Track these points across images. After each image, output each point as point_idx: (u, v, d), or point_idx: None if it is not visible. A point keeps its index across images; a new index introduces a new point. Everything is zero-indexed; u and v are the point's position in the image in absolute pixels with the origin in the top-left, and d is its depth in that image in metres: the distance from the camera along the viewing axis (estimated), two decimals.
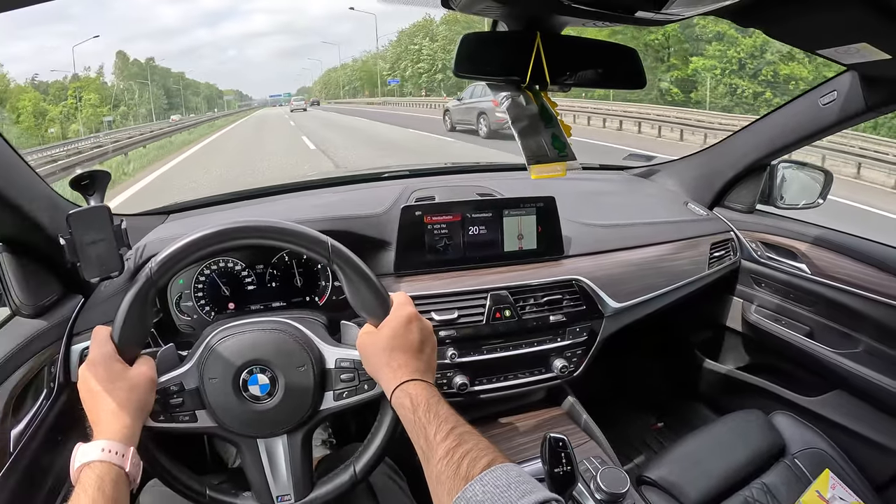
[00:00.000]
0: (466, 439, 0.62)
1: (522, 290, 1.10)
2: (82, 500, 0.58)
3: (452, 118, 13.92)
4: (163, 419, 0.77)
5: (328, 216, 1.09)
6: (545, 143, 0.90)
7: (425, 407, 0.67)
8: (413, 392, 0.69)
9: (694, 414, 1.59)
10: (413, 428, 0.67)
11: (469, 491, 0.55)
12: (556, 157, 0.90)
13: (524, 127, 0.89)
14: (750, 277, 1.39)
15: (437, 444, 0.62)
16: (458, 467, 0.58)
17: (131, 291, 0.75)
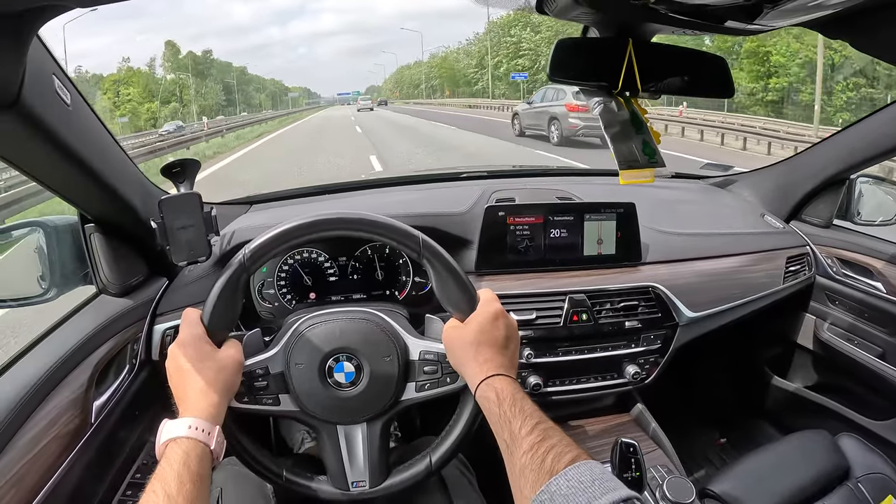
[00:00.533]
0: (551, 435, 0.62)
1: (600, 295, 1.10)
2: (168, 473, 0.59)
3: (522, 123, 13.45)
4: (247, 401, 0.79)
5: (413, 213, 1.10)
6: (637, 149, 0.90)
7: (510, 401, 0.67)
8: (499, 386, 0.70)
9: (758, 431, 1.56)
10: (497, 421, 0.67)
11: (553, 485, 0.55)
12: (647, 164, 0.90)
13: (616, 132, 0.90)
14: (824, 294, 1.36)
15: (522, 437, 0.62)
16: (542, 461, 0.59)
17: (223, 276, 0.76)
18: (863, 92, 16.21)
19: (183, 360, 0.71)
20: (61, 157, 0.71)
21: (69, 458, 0.75)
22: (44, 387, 0.75)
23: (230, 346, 0.76)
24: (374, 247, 1.12)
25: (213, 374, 0.71)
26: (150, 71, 63.26)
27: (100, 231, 0.93)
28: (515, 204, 1.13)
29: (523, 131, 13.28)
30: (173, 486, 0.58)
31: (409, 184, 1.40)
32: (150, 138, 18.05)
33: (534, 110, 12.64)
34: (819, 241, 1.37)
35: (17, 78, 0.56)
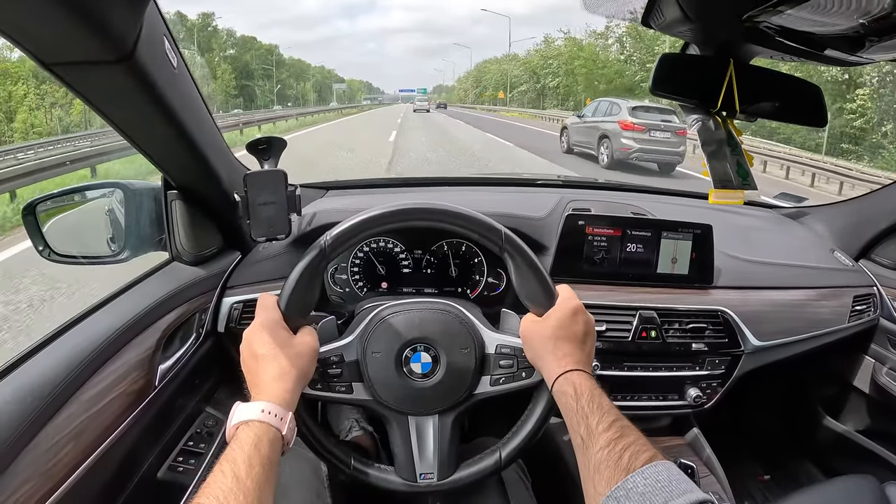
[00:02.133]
0: (628, 433, 0.62)
1: (670, 314, 1.09)
2: (237, 455, 0.59)
3: (570, 139, 11.98)
4: (319, 388, 0.79)
5: (494, 211, 1.09)
6: (731, 170, 0.89)
7: (588, 397, 0.67)
8: (577, 381, 0.69)
9: (803, 471, 1.53)
10: (574, 416, 0.67)
11: (630, 482, 0.55)
12: (740, 185, 0.89)
13: (713, 151, 0.89)
14: (887, 338, 1.33)
15: (599, 433, 0.62)
16: (619, 458, 0.58)
17: (303, 262, 0.76)
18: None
19: (258, 346, 0.71)
20: (159, 117, 0.72)
21: (130, 417, 0.76)
22: (112, 345, 0.76)
23: (306, 333, 0.76)
24: (451, 243, 1.12)
25: (288, 360, 0.71)
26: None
27: (181, 199, 0.94)
28: (595, 214, 1.13)
29: (571, 148, 11.90)
30: (242, 468, 0.57)
31: (487, 185, 1.40)
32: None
33: (584, 125, 11.31)
34: (887, 283, 1.34)
35: (134, 32, 0.57)
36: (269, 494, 0.60)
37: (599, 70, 38.51)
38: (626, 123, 9.59)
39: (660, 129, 9.53)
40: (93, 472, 0.68)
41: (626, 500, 0.54)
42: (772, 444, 1.63)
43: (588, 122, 11.14)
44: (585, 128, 11.20)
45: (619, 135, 9.66)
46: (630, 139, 9.57)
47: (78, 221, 1.04)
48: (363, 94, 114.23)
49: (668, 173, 9.83)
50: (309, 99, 71.39)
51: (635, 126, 9.50)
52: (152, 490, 0.86)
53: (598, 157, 10.43)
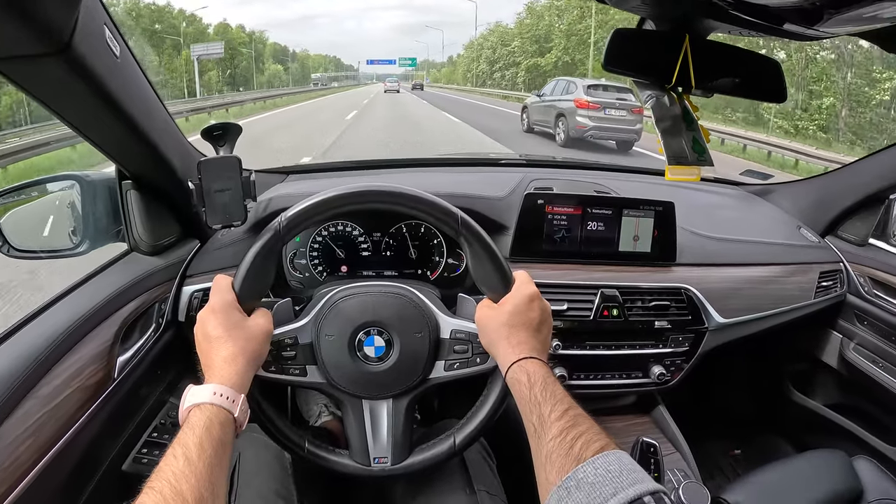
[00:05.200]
0: (581, 422, 0.61)
1: (632, 292, 1.09)
2: (189, 439, 0.59)
3: (530, 117, 11.88)
4: (273, 370, 0.78)
5: (452, 192, 1.09)
6: (686, 146, 0.89)
7: (542, 385, 0.66)
8: (530, 369, 0.69)
9: (773, 446, 1.55)
10: (527, 404, 0.66)
11: (581, 472, 0.54)
12: (696, 161, 0.89)
13: (667, 127, 0.88)
14: (853, 313, 1.34)
15: (552, 422, 0.62)
16: (571, 447, 0.58)
17: (257, 244, 0.75)
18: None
19: (211, 328, 0.71)
20: (105, 108, 0.70)
21: (89, 411, 0.75)
22: (69, 339, 0.75)
23: (260, 315, 0.75)
24: (410, 224, 1.11)
25: (241, 342, 0.70)
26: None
27: (136, 188, 0.93)
28: (555, 193, 1.12)
29: (532, 127, 11.77)
30: (194, 451, 0.57)
31: (448, 165, 1.39)
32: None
33: (543, 104, 11.13)
34: (853, 259, 1.35)
35: (69, 23, 0.56)
36: (222, 476, 0.59)
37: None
38: (581, 102, 9.58)
39: (615, 108, 9.52)
40: (54, 467, 0.68)
41: (576, 490, 0.53)
42: (742, 420, 1.64)
43: (546, 101, 11.04)
44: (544, 107, 11.08)
45: (574, 113, 9.64)
46: (585, 117, 9.57)
47: (37, 215, 1.03)
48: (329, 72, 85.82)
49: (625, 151, 9.88)
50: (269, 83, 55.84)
51: (590, 104, 9.49)
52: (117, 482, 0.86)
53: (556, 136, 10.39)
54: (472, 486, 0.94)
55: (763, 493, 1.13)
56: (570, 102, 9.81)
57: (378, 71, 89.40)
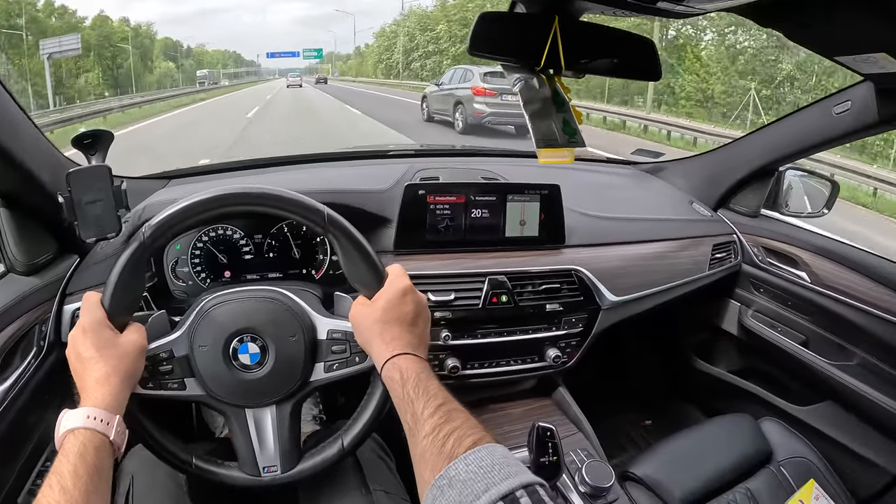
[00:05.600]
0: (454, 417, 0.60)
1: (521, 277, 1.09)
2: (63, 467, 0.57)
3: (430, 107, 11.96)
4: (151, 386, 0.76)
5: (330, 189, 1.08)
6: (556, 128, 0.89)
7: (415, 381, 0.66)
8: (403, 366, 0.68)
9: (683, 414, 1.59)
10: (401, 402, 0.66)
11: (452, 469, 0.53)
12: (567, 143, 0.89)
13: (536, 110, 0.88)
14: (749, 282, 1.39)
15: (425, 420, 0.61)
16: (443, 445, 0.57)
17: (123, 256, 0.73)
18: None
19: (82, 348, 0.69)
20: None
21: None
22: None
23: (132, 331, 0.73)
24: (291, 224, 1.08)
25: (113, 361, 0.68)
26: None
27: (5, 206, 0.88)
28: (436, 182, 1.11)
29: (432, 116, 11.87)
30: (69, 479, 0.56)
31: (337, 160, 1.37)
32: None
33: (442, 93, 11.30)
34: (746, 230, 1.40)
35: None
36: (100, 501, 0.58)
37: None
38: (478, 89, 9.78)
39: (511, 93, 9.46)
40: None
41: (448, 488, 0.52)
42: (653, 392, 1.68)
43: (445, 90, 11.17)
44: (443, 95, 11.22)
45: (471, 100, 9.82)
46: (482, 104, 9.74)
47: None
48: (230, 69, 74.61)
49: (524, 135, 10.07)
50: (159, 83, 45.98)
51: (487, 91, 9.66)
52: None
53: (454, 124, 10.55)
54: (367, 486, 0.93)
55: (672, 461, 1.15)
56: (468, 90, 9.99)
57: (281, 65, 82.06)
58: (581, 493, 0.94)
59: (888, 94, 1.06)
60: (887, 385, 1.17)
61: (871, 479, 1.22)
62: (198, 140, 10.30)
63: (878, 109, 1.09)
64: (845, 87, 1.19)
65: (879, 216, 7.57)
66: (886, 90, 1.06)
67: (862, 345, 1.23)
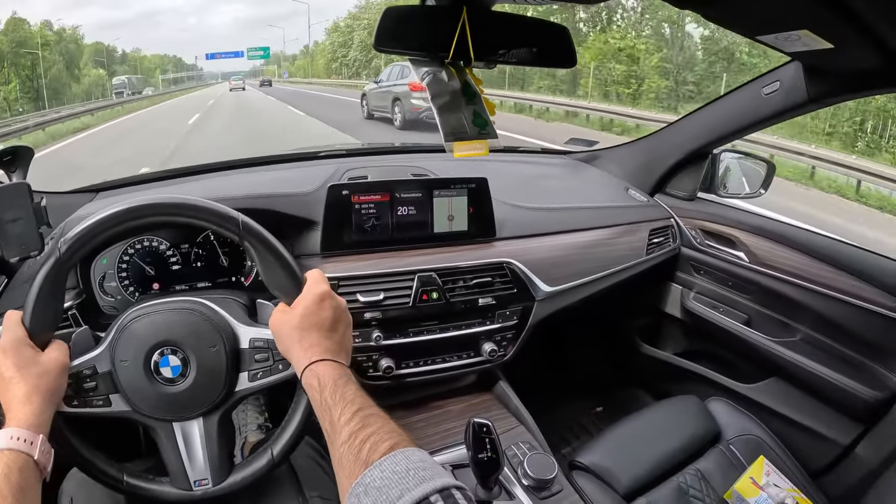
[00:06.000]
0: (370, 423, 0.60)
1: (451, 272, 1.08)
2: None
3: (370, 104, 11.94)
4: (76, 404, 0.75)
5: (253, 194, 1.06)
6: (465, 120, 0.89)
7: (332, 388, 0.66)
8: (321, 372, 0.68)
9: (633, 399, 1.60)
10: (319, 409, 0.66)
11: (368, 476, 0.53)
12: (477, 135, 0.89)
13: (444, 103, 0.88)
14: (689, 265, 1.40)
15: (341, 426, 0.61)
16: (359, 451, 0.57)
17: (40, 273, 0.72)
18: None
19: (3, 368, 0.68)
20: None
21: None
22: None
23: (54, 349, 0.72)
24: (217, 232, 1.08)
25: (34, 380, 0.67)
26: None
27: None
28: (360, 182, 1.10)
29: (371, 114, 11.88)
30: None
31: (265, 164, 1.36)
32: None
33: (380, 90, 11.31)
34: (683, 214, 1.41)
35: None
36: None
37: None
38: (415, 85, 9.58)
39: None
40: None
41: (364, 496, 0.52)
42: (601, 379, 1.68)
43: (384, 87, 11.18)
44: (381, 92, 11.23)
45: (409, 96, 9.84)
46: (419, 99, 9.67)
47: None
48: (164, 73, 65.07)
49: None
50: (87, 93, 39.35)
51: (423, 87, 9.76)
52: None
53: (393, 120, 10.57)
54: (303, 494, 0.92)
55: (620, 447, 1.16)
56: (405, 86, 9.97)
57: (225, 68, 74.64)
58: (525, 486, 0.93)
59: (816, 73, 1.08)
60: (831, 359, 1.19)
61: (822, 451, 1.24)
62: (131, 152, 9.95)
63: (806, 89, 1.11)
64: (774, 67, 1.21)
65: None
66: (814, 69, 1.08)
67: (804, 320, 1.25)
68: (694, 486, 1.13)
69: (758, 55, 14.80)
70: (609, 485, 1.08)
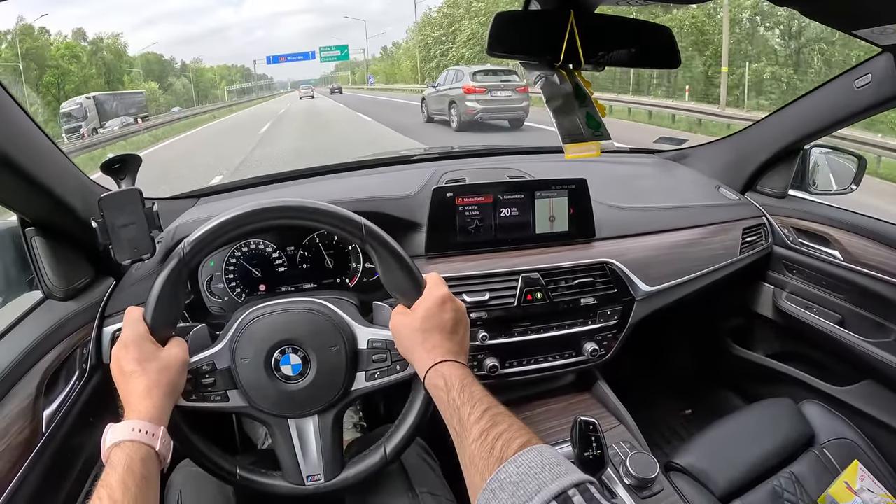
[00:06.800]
0: (500, 420, 0.61)
1: (554, 273, 1.09)
2: (112, 479, 0.59)
3: (429, 108, 12.59)
4: (195, 399, 0.78)
5: (359, 197, 1.08)
6: (580, 122, 0.89)
7: (459, 388, 0.67)
8: (447, 373, 0.69)
9: (722, 401, 1.58)
10: (447, 409, 0.66)
11: (503, 472, 0.54)
12: (591, 136, 0.89)
13: (559, 106, 0.88)
14: (782, 264, 1.37)
15: (472, 425, 0.61)
16: (492, 448, 0.57)
17: (164, 272, 0.75)
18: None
19: (125, 362, 0.70)
20: None
21: (21, 470, 0.72)
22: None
23: (174, 345, 0.75)
24: (322, 235, 1.10)
25: (155, 374, 0.70)
26: None
27: (41, 234, 0.90)
28: (463, 184, 1.11)
29: (431, 117, 12.49)
30: (118, 491, 0.58)
31: (362, 168, 1.38)
32: None
33: (438, 94, 11.91)
34: (775, 212, 1.38)
35: None
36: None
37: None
38: (468, 87, 10.49)
39: (500, 89, 10.49)
40: None
41: (500, 491, 0.53)
42: (691, 380, 1.66)
43: (440, 91, 11.77)
44: (439, 96, 11.82)
45: (463, 99, 10.48)
46: (473, 101, 10.42)
47: None
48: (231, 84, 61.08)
49: (517, 127, 10.80)
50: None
51: (477, 89, 10.40)
52: None
53: (450, 122, 11.16)
54: (413, 490, 0.94)
55: (715, 450, 1.15)
56: (460, 89, 10.64)
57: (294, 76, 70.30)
58: (627, 485, 0.94)
59: None
60: None
61: None
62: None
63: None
64: (864, 59, 1.17)
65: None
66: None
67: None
68: (788, 490, 1.12)
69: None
70: (706, 486, 1.08)
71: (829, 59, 16.01)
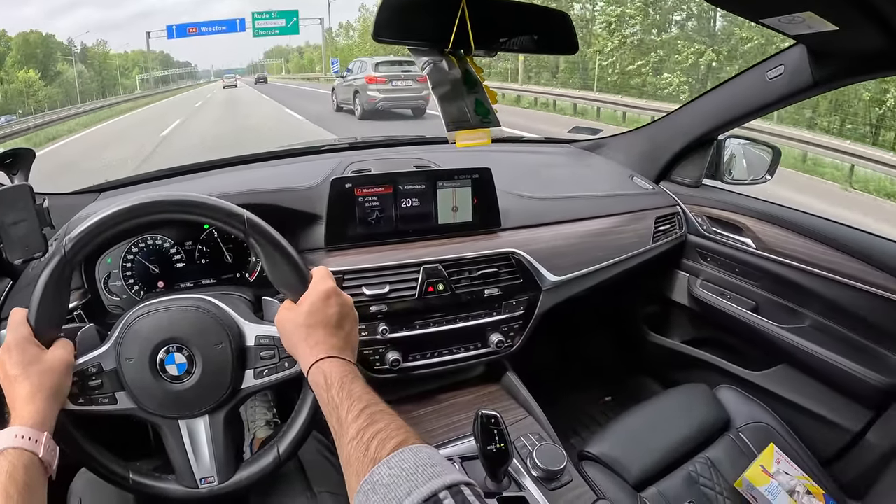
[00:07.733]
0: (378, 419, 0.59)
1: (456, 264, 1.07)
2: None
3: (338, 97, 13.07)
4: (82, 402, 0.75)
5: (256, 189, 1.05)
6: (467, 109, 0.88)
7: (339, 385, 0.65)
8: (328, 370, 0.67)
9: (642, 388, 1.59)
10: (326, 407, 0.65)
11: (376, 474, 0.52)
12: (479, 123, 0.88)
13: (445, 92, 0.87)
14: (696, 252, 1.39)
15: (349, 424, 0.60)
16: (367, 449, 0.56)
17: (45, 272, 0.72)
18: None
19: (9, 366, 0.67)
20: None
21: None
22: None
23: (59, 346, 0.72)
24: (220, 229, 1.07)
25: (38, 378, 0.67)
26: None
27: None
28: (363, 175, 1.09)
29: (340, 106, 12.91)
30: (0, 500, 0.55)
31: (269, 159, 1.35)
32: None
33: (345, 84, 12.41)
34: (689, 201, 1.40)
35: None
36: None
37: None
38: (370, 77, 10.89)
39: (401, 79, 10.87)
40: None
41: (372, 493, 0.51)
42: (610, 368, 1.68)
43: (347, 81, 12.25)
44: (346, 86, 12.26)
45: (366, 88, 10.88)
46: (375, 91, 10.80)
47: None
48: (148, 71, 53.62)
49: (419, 116, 11.22)
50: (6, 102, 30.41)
51: (378, 79, 10.79)
52: None
53: (354, 111, 11.64)
54: (312, 490, 0.92)
55: (629, 437, 1.15)
56: (363, 79, 11.05)
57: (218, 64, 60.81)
58: (534, 477, 0.93)
59: (820, 56, 1.07)
60: (840, 344, 1.18)
61: (832, 438, 1.23)
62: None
63: (811, 72, 1.09)
64: (778, 52, 1.19)
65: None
66: (818, 52, 1.07)
67: (812, 306, 1.24)
68: (704, 475, 1.12)
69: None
70: (619, 475, 1.08)
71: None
